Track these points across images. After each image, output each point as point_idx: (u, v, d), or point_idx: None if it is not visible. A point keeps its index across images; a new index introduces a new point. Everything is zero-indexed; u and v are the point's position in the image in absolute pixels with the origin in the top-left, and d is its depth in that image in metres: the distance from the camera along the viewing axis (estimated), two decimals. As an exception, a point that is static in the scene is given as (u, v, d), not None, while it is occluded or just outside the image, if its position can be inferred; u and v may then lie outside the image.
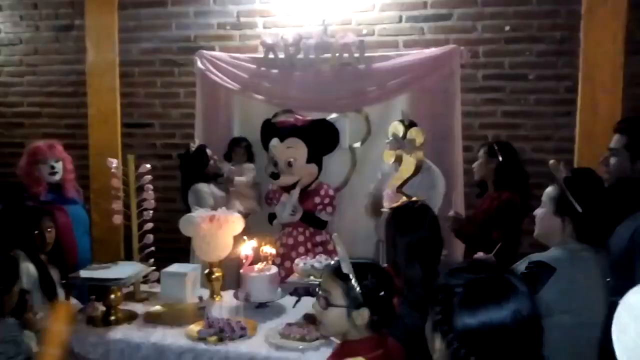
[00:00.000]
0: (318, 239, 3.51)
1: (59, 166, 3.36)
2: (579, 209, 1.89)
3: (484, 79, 3.84)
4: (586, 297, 1.85)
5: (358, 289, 1.53)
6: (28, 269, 2.60)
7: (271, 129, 3.64)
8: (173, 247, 3.94)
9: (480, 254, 2.25)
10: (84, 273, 2.72)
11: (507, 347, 1.03)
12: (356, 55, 3.63)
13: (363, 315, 1.56)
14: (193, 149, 3.64)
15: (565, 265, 1.88)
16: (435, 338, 1.11)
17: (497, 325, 1.02)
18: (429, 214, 2.17)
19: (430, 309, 1.13)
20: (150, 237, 3.09)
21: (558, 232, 1.98)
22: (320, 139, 3.50)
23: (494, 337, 1.03)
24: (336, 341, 1.82)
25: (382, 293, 1.57)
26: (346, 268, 1.55)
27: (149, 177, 3.08)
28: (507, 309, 1.03)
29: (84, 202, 3.52)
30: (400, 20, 3.90)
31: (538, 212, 2.08)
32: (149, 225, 3.10)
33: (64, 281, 2.75)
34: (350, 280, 1.54)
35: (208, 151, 3.63)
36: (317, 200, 3.50)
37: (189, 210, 3.32)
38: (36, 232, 2.73)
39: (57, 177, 3.35)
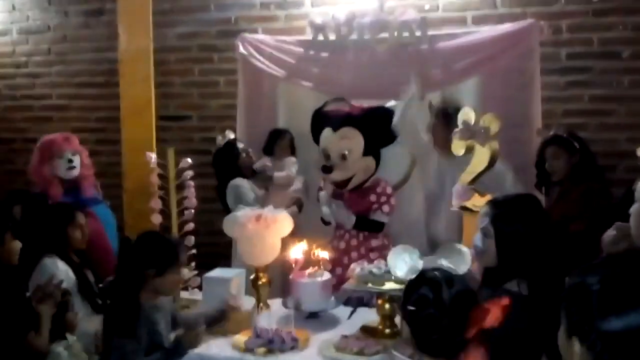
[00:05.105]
0: (374, 243, 3.43)
1: (76, 160, 3.41)
2: None
3: (568, 59, 3.81)
4: None
5: None
6: (67, 272, 2.68)
7: (323, 119, 3.60)
8: (212, 251, 3.96)
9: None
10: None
11: None
12: (417, 34, 3.65)
13: None
14: (221, 143, 3.71)
15: None
16: (573, 344, 1.09)
17: None
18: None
19: (563, 312, 1.12)
20: (191, 239, 3.13)
21: None
22: (379, 128, 3.42)
23: None
24: (399, 356, 1.83)
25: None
26: None
27: (190, 173, 3.12)
28: None
29: (103, 198, 3.58)
30: (468, -7, 3.92)
31: (632, 209, 2.07)
32: (190, 226, 3.13)
33: (100, 285, 2.81)
34: None
35: (239, 144, 3.69)
36: (373, 198, 3.42)
37: (227, 211, 3.34)
38: (69, 230, 2.78)
39: (76, 173, 3.39)
